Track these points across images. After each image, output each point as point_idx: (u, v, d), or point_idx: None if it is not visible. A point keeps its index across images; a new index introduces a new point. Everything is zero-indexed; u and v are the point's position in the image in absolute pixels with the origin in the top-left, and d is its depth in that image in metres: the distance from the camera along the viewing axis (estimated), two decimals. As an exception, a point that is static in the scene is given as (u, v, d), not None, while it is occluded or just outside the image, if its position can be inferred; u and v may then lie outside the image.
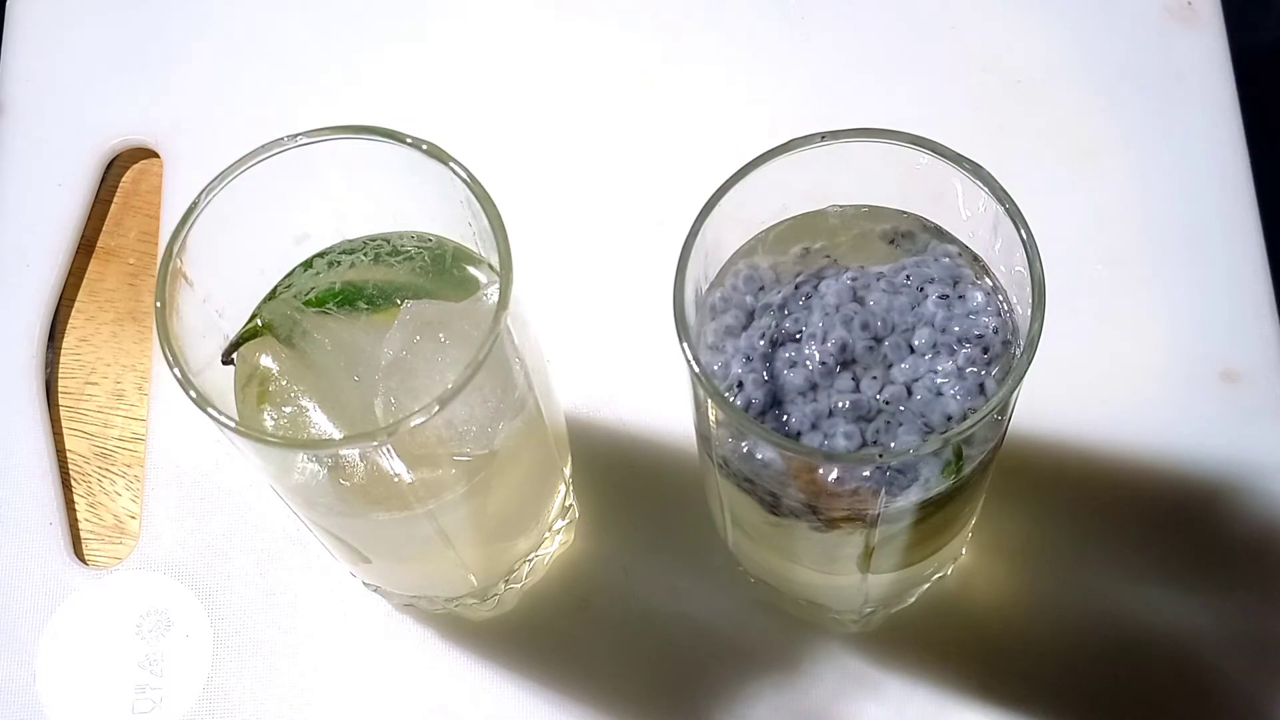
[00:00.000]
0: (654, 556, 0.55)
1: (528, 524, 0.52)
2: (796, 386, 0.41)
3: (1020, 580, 0.54)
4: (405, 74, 0.64)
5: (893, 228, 0.44)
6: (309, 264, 0.46)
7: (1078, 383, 0.56)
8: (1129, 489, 0.55)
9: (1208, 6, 0.63)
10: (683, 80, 0.63)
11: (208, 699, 0.54)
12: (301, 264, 0.46)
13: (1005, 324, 0.42)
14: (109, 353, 0.61)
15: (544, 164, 0.62)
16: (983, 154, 0.41)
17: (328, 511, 0.45)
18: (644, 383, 0.57)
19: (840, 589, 0.50)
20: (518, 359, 0.43)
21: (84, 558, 0.57)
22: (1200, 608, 0.53)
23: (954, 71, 0.63)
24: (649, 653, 0.54)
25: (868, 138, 0.41)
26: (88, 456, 0.59)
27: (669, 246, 0.41)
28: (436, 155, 0.42)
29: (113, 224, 0.63)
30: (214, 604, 0.55)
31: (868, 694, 0.53)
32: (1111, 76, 0.62)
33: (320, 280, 0.46)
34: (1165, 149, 0.61)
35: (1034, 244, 0.40)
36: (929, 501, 0.42)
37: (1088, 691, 0.52)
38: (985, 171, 0.41)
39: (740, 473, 0.42)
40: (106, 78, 0.65)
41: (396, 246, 0.46)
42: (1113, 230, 0.59)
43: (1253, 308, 0.57)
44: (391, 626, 0.55)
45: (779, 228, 0.44)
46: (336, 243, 0.46)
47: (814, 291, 0.42)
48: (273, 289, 0.46)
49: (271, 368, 0.44)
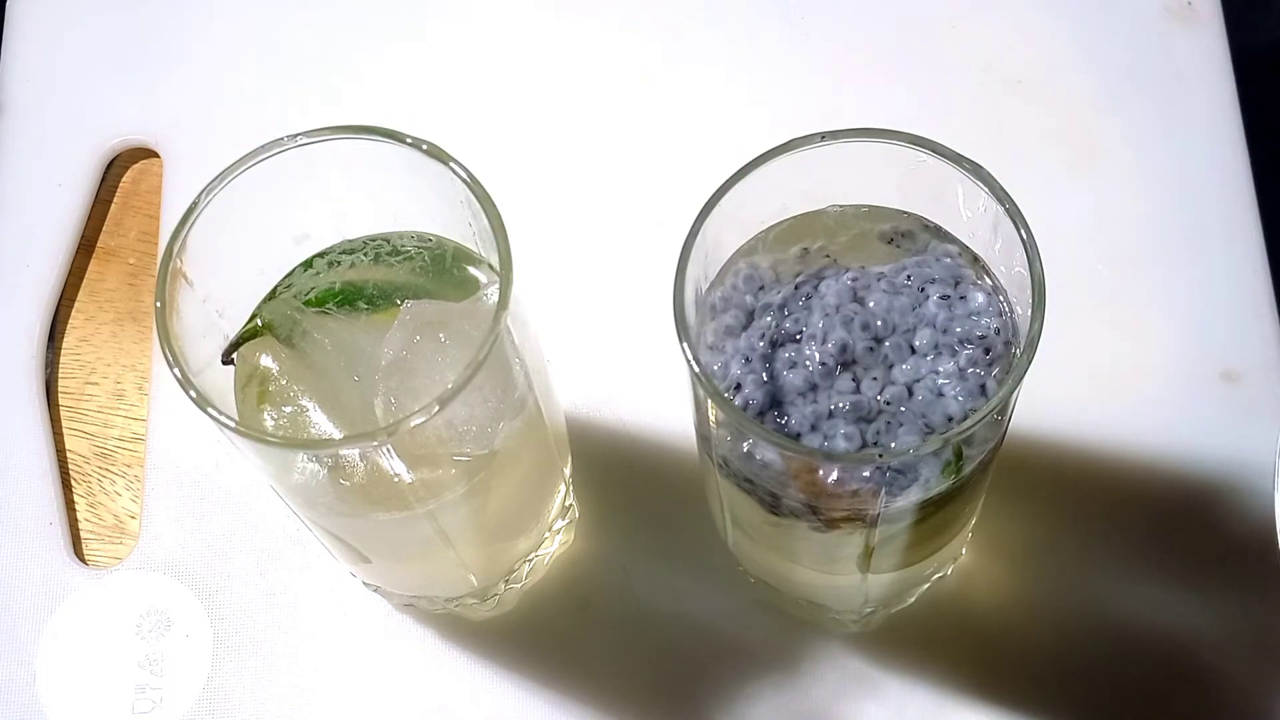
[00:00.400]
0: (654, 556, 0.55)
1: (528, 524, 0.52)
2: (796, 387, 0.41)
3: (1020, 580, 0.54)
4: (405, 74, 0.64)
5: (893, 227, 0.44)
6: (309, 264, 0.46)
7: (1078, 383, 0.56)
8: (1129, 489, 0.55)
9: (1208, 6, 0.63)
10: (683, 80, 0.63)
11: (208, 699, 0.54)
12: (301, 264, 0.46)
13: (1006, 325, 0.42)
14: (109, 353, 0.61)
15: (544, 164, 0.62)
16: (983, 154, 0.41)
17: (328, 511, 0.45)
18: (644, 383, 0.57)
19: (840, 589, 0.50)
20: (518, 359, 0.43)
21: (84, 558, 0.57)
22: (1200, 608, 0.53)
23: (954, 71, 0.63)
24: (649, 653, 0.54)
25: (868, 138, 0.41)
26: (88, 456, 0.59)
27: (669, 246, 0.41)
28: (436, 155, 0.42)
29: (113, 224, 0.63)
30: (214, 604, 0.55)
31: (868, 694, 0.53)
32: (1111, 76, 0.62)
33: (320, 280, 0.46)
34: (1165, 149, 0.61)
35: (1034, 244, 0.40)
36: (929, 501, 0.42)
37: (1088, 691, 0.52)
38: (985, 171, 0.41)
39: (740, 473, 0.42)
40: (106, 78, 0.65)
41: (396, 246, 0.46)
42: (1113, 230, 0.59)
43: (1253, 308, 0.57)
44: (391, 626, 0.55)
45: (779, 227, 0.44)
46: (336, 243, 0.46)
47: (814, 292, 0.42)
48: (273, 289, 0.46)
49: (271, 368, 0.44)
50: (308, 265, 0.46)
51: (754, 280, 0.43)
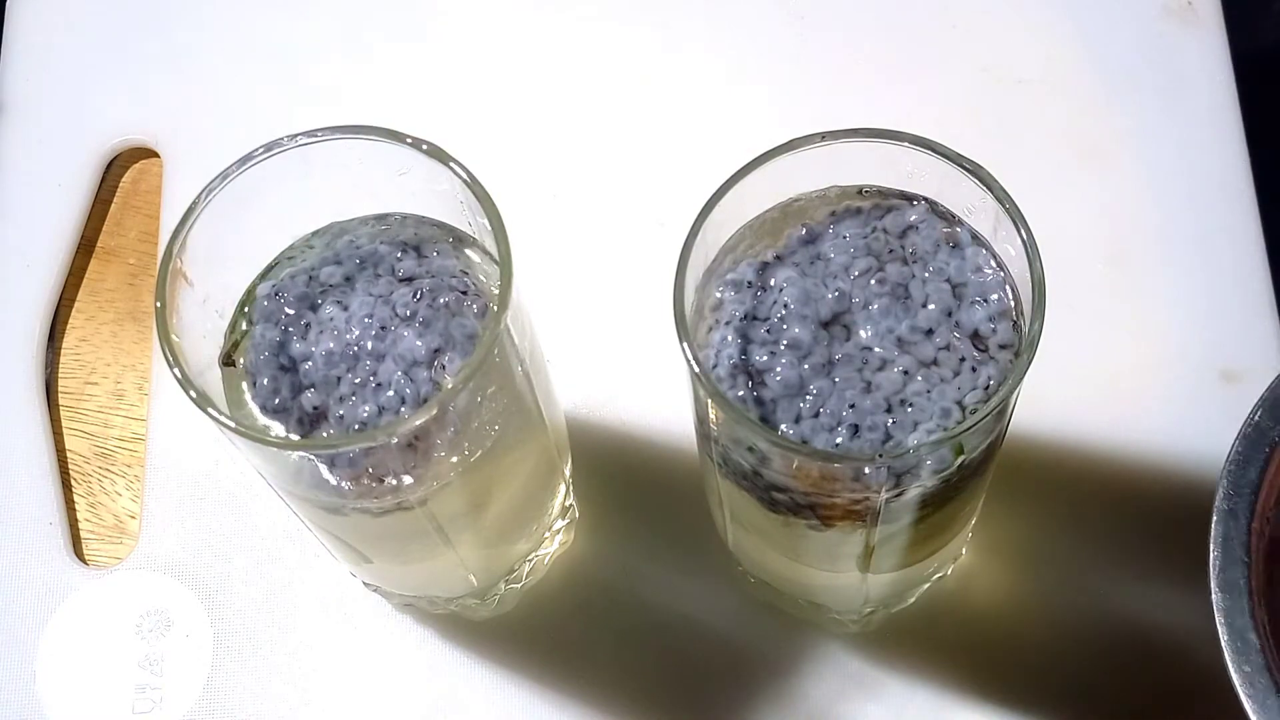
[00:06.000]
0: (654, 556, 0.55)
1: (528, 524, 0.52)
2: (796, 385, 0.41)
3: (1020, 580, 0.54)
4: (405, 74, 0.64)
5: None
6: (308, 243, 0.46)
7: (1078, 383, 0.56)
8: (1129, 489, 0.55)
9: (1208, 6, 0.63)
10: (683, 80, 0.63)
11: (208, 699, 0.54)
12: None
13: (1008, 324, 0.42)
14: (109, 353, 0.61)
15: (544, 164, 0.62)
16: (983, 154, 0.41)
17: (328, 512, 0.45)
18: (644, 383, 0.57)
19: (840, 589, 0.50)
20: (518, 359, 0.43)
21: (84, 558, 0.57)
22: (1200, 608, 0.53)
23: (954, 71, 0.63)
24: (649, 652, 0.54)
25: (868, 138, 0.41)
26: (88, 456, 0.59)
27: (669, 246, 0.41)
28: (436, 155, 0.42)
29: (113, 224, 0.63)
30: (214, 604, 0.55)
31: (868, 694, 0.53)
32: (1111, 76, 0.62)
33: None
34: (1165, 149, 0.61)
35: (1034, 244, 0.40)
36: (929, 501, 0.42)
37: (1088, 691, 0.52)
38: (985, 171, 0.41)
39: (740, 472, 0.42)
40: (106, 78, 0.65)
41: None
42: (1113, 230, 0.59)
43: (1253, 308, 0.57)
44: (391, 626, 0.55)
45: (771, 213, 0.43)
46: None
47: (815, 290, 0.42)
48: (267, 266, 0.45)
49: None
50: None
51: (754, 279, 0.43)
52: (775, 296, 0.42)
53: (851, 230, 0.42)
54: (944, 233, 0.42)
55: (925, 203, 0.43)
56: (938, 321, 0.41)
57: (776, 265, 0.42)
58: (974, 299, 0.42)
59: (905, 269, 0.42)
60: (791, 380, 0.41)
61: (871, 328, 0.41)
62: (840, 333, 0.41)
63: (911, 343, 0.41)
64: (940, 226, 0.43)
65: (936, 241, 0.42)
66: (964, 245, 0.42)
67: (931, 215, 0.43)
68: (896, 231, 0.43)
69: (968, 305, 0.41)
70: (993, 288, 0.42)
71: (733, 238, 0.43)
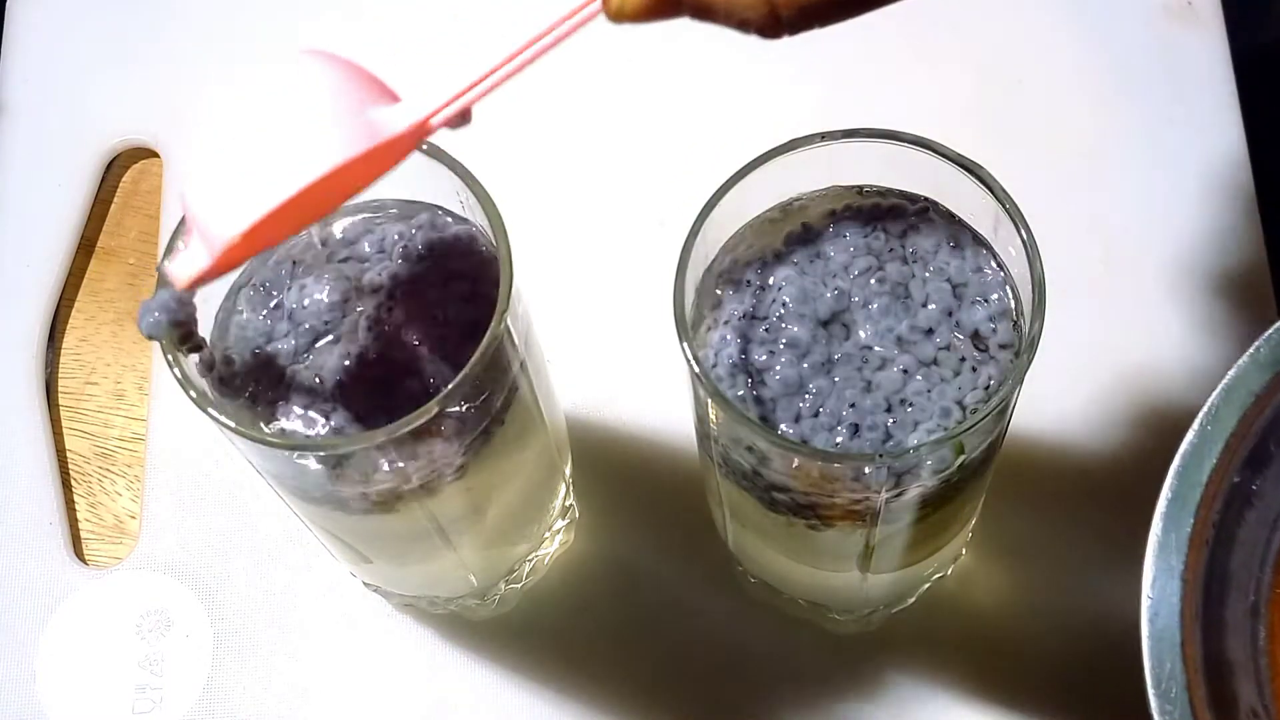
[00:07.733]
0: (654, 556, 0.55)
1: (528, 525, 0.52)
2: (796, 385, 0.41)
3: (1020, 580, 0.54)
4: (405, 73, 0.64)
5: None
6: None
7: (1078, 383, 0.56)
8: (1129, 489, 0.55)
9: (1208, 6, 0.63)
10: (683, 80, 0.63)
11: (208, 699, 0.54)
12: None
13: (1008, 324, 0.42)
14: (109, 353, 0.61)
15: (544, 164, 0.62)
16: (983, 154, 0.41)
17: (328, 512, 0.45)
18: (644, 383, 0.57)
19: (840, 589, 0.50)
20: (518, 359, 0.43)
21: (84, 558, 0.57)
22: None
23: (954, 71, 0.63)
24: (649, 653, 0.54)
25: (868, 138, 0.41)
26: (88, 456, 0.59)
27: (669, 246, 0.41)
28: (436, 155, 0.42)
29: (113, 224, 0.63)
30: (214, 604, 0.55)
31: (868, 694, 0.53)
32: (1111, 76, 0.62)
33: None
34: (1165, 149, 0.61)
35: (1034, 244, 0.40)
36: (929, 501, 0.42)
37: (1088, 691, 0.52)
38: (985, 171, 0.41)
39: (740, 472, 0.42)
40: (106, 78, 0.65)
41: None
42: (1113, 230, 0.59)
43: (1253, 308, 0.57)
44: (391, 626, 0.55)
45: (771, 213, 0.43)
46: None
47: (814, 289, 0.42)
48: None
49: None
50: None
51: (753, 279, 0.43)
52: (774, 295, 0.42)
53: (851, 230, 0.42)
54: (944, 232, 0.42)
55: (925, 202, 0.43)
56: (938, 321, 0.41)
57: (776, 264, 0.42)
58: (974, 299, 0.42)
59: (905, 268, 0.42)
60: (791, 379, 0.41)
61: (871, 327, 0.41)
62: (840, 332, 0.41)
63: (912, 342, 0.41)
64: (940, 226, 0.43)
65: (937, 241, 0.42)
66: (964, 245, 0.42)
67: (931, 215, 0.43)
68: (896, 231, 0.43)
69: (968, 305, 0.41)
70: (993, 288, 0.42)
71: (733, 238, 0.43)
